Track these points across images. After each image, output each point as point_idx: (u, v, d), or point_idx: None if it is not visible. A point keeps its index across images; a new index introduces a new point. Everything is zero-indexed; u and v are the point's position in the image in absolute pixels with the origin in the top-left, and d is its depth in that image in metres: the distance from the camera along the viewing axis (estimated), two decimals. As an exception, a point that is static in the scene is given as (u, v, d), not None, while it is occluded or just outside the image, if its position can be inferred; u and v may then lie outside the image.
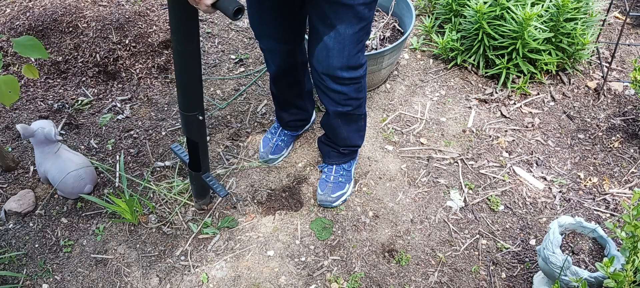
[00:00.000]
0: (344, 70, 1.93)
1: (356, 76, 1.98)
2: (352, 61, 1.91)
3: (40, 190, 2.43)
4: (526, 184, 2.41)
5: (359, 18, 1.80)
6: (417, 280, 2.11)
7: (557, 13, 2.61)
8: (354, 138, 2.27)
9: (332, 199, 2.29)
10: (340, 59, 1.89)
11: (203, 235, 2.26)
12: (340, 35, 1.83)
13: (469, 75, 2.90)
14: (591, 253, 1.86)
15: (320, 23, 1.85)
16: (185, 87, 1.85)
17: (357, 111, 2.14)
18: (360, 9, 1.77)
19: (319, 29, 1.86)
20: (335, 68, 1.92)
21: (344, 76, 1.95)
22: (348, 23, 1.80)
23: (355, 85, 2.01)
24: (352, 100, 2.07)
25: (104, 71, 2.91)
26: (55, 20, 2.98)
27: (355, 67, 1.95)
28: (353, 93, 2.04)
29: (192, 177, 2.20)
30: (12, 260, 2.20)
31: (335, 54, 1.88)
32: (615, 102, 2.73)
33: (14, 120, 2.73)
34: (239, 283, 2.11)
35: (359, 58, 1.94)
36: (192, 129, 1.97)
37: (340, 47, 1.86)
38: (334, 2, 1.76)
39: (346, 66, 1.92)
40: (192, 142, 2.05)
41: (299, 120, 2.49)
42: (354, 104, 2.09)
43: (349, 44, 1.85)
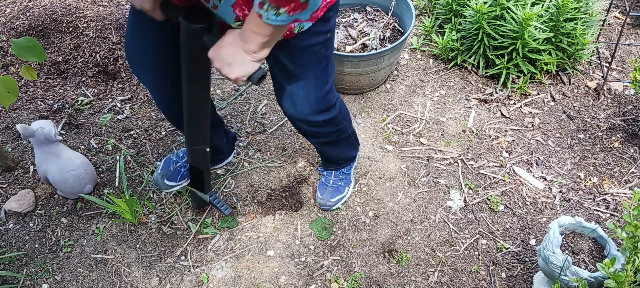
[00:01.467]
0: (315, 114, 1.83)
1: (330, 117, 1.89)
2: (322, 105, 1.82)
3: (40, 190, 2.43)
4: (526, 184, 2.41)
5: (318, 59, 1.69)
6: (417, 280, 2.11)
7: (557, 13, 2.61)
8: (346, 153, 2.24)
9: (332, 203, 2.29)
10: (309, 105, 1.79)
11: (203, 235, 2.26)
12: (302, 81, 1.72)
13: (469, 75, 2.90)
14: (591, 253, 1.86)
15: (279, 72, 1.74)
16: (194, 123, 1.88)
17: (341, 136, 2.07)
18: (317, 49, 1.66)
19: (278, 77, 1.76)
20: (305, 114, 1.82)
21: (318, 120, 1.86)
22: (307, 66, 1.69)
23: (331, 123, 1.93)
24: (332, 133, 2.00)
25: (104, 71, 2.91)
26: (55, 20, 2.98)
27: (326, 109, 1.85)
28: (331, 129, 1.96)
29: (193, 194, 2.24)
30: (12, 260, 2.20)
31: (301, 101, 1.77)
32: (615, 102, 2.73)
33: (14, 120, 2.72)
34: (239, 283, 2.11)
35: (329, 100, 1.84)
36: (197, 159, 2.01)
37: (306, 93, 1.75)
38: (288, 47, 1.63)
39: (316, 111, 1.82)
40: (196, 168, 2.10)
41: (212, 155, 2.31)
42: (335, 135, 2.03)
43: (314, 88, 1.75)
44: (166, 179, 2.27)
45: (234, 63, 1.47)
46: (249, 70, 1.48)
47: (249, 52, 1.45)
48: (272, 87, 1.88)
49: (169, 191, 2.33)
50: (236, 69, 1.47)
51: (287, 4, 1.29)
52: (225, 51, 1.47)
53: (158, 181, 2.28)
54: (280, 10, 1.30)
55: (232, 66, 1.47)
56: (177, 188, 2.31)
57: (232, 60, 1.47)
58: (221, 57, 1.48)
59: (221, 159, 2.43)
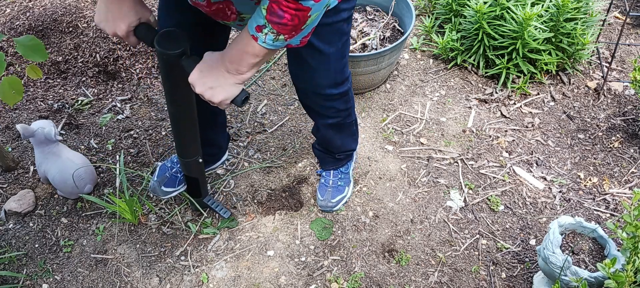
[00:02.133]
0: (332, 87, 1.87)
1: (343, 90, 1.93)
2: (339, 77, 1.86)
3: (40, 190, 2.43)
4: (526, 184, 2.41)
5: (339, 34, 1.74)
6: (417, 280, 2.11)
7: (557, 13, 2.61)
8: (347, 143, 2.24)
9: (333, 204, 2.29)
10: (327, 78, 1.84)
11: (203, 235, 2.26)
12: (324, 54, 1.75)
13: (469, 75, 2.90)
14: (591, 253, 1.86)
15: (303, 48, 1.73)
16: (183, 139, 1.89)
17: (347, 120, 2.10)
18: (340, 25, 1.71)
19: (301, 52, 1.76)
20: (322, 86, 1.86)
21: (333, 93, 1.90)
22: (330, 42, 1.73)
23: (342, 98, 1.96)
24: (341, 112, 2.03)
25: (104, 71, 2.91)
26: (55, 20, 2.98)
27: (342, 82, 1.90)
28: (341, 105, 1.99)
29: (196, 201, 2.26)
30: (12, 260, 2.20)
31: (321, 74, 1.82)
32: (615, 102, 2.73)
33: (14, 120, 2.72)
34: (239, 283, 2.11)
35: (345, 72, 1.89)
36: (191, 169, 2.03)
37: (326, 66, 1.80)
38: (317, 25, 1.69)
39: (333, 83, 1.86)
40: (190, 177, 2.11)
41: (207, 155, 2.28)
42: (343, 114, 2.05)
43: (334, 61, 1.80)
44: (163, 186, 2.27)
45: (216, 86, 1.45)
46: (233, 92, 1.46)
47: (234, 73, 1.43)
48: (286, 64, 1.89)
49: (167, 197, 2.34)
50: (220, 93, 1.45)
51: (288, 33, 1.30)
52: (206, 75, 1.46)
53: (155, 188, 2.27)
54: (279, 36, 1.31)
55: (215, 90, 1.45)
56: (175, 193, 2.32)
57: (215, 83, 1.45)
58: (203, 82, 1.46)
59: (218, 159, 2.43)
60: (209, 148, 2.28)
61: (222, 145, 2.39)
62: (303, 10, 1.25)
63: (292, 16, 1.25)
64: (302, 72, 1.84)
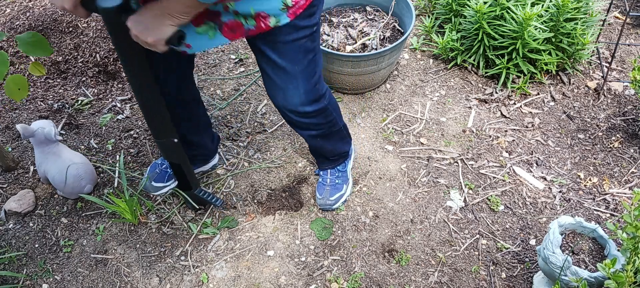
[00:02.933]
0: (305, 105, 1.85)
1: (320, 107, 1.90)
2: (311, 96, 1.84)
3: (40, 190, 2.43)
4: (526, 184, 2.41)
5: (304, 52, 1.71)
6: (417, 280, 2.11)
7: (557, 13, 2.61)
8: (339, 147, 2.24)
9: (332, 202, 2.29)
10: (298, 97, 1.81)
11: (203, 235, 2.26)
12: (289, 73, 1.73)
13: (469, 75, 2.90)
14: (591, 253, 1.86)
15: (266, 65, 1.76)
16: (149, 114, 1.87)
17: (332, 129, 2.08)
18: (302, 42, 1.68)
19: (267, 70, 1.77)
20: (295, 105, 1.84)
21: (307, 110, 1.87)
22: (294, 60, 1.71)
23: (321, 114, 1.94)
24: (322, 125, 2.01)
25: (104, 71, 2.91)
26: (55, 20, 2.98)
27: (316, 100, 1.87)
28: (321, 119, 1.97)
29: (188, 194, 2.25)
30: (12, 260, 2.20)
31: (290, 93, 1.80)
32: (615, 102, 2.73)
33: (14, 120, 2.72)
34: (239, 283, 2.11)
35: (318, 90, 1.86)
36: (169, 152, 2.01)
37: (294, 85, 1.77)
38: (274, 42, 1.66)
39: (306, 101, 1.84)
40: (175, 163, 2.09)
41: (195, 155, 2.33)
42: (325, 127, 2.03)
43: (302, 80, 1.77)
44: (153, 181, 2.32)
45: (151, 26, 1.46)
46: (166, 33, 1.47)
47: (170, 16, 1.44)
48: None
49: (158, 193, 2.36)
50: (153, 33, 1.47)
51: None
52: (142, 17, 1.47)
53: (147, 185, 2.33)
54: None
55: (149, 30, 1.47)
56: (166, 189, 2.34)
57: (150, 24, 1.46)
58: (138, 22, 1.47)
59: (206, 160, 2.43)
60: (195, 149, 2.30)
61: (209, 146, 2.37)
62: None
63: None
64: (273, 90, 1.83)
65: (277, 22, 1.58)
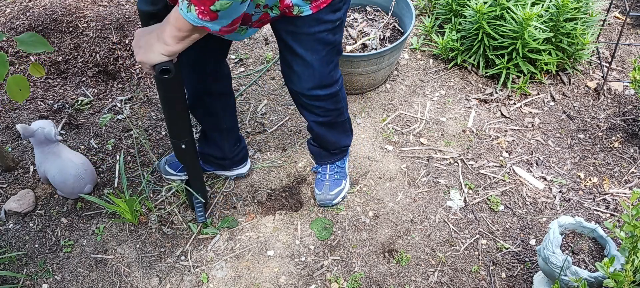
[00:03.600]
0: (318, 89, 1.89)
1: (332, 92, 1.94)
2: (325, 80, 1.87)
3: (40, 190, 2.43)
4: (526, 184, 2.41)
5: (323, 43, 1.75)
6: (417, 280, 2.11)
7: (557, 13, 2.61)
8: (341, 140, 2.25)
9: (332, 197, 2.29)
10: (312, 81, 1.85)
11: (203, 235, 2.26)
12: (307, 62, 1.78)
13: (469, 75, 2.90)
14: (591, 253, 1.86)
15: (286, 51, 1.80)
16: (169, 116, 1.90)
17: (338, 119, 2.10)
18: (324, 35, 1.72)
19: (286, 56, 1.81)
20: (308, 88, 1.88)
21: (319, 94, 1.91)
22: (313, 50, 1.75)
23: (331, 99, 1.97)
24: (331, 111, 2.03)
25: (104, 71, 2.91)
26: (55, 20, 2.98)
27: (329, 84, 1.91)
28: (330, 105, 2.00)
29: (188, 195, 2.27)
30: (12, 260, 2.20)
31: (305, 78, 1.84)
32: (615, 102, 2.73)
33: (14, 120, 2.73)
34: (239, 283, 2.12)
35: (332, 76, 1.89)
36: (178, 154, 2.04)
37: (310, 71, 1.81)
38: (294, 32, 1.70)
39: (319, 85, 1.88)
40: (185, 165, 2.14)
41: (212, 156, 2.30)
42: (333, 114, 2.05)
43: (319, 67, 1.81)
44: (167, 166, 2.36)
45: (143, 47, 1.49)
46: (152, 58, 1.48)
47: (162, 41, 1.46)
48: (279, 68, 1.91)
49: (168, 177, 2.39)
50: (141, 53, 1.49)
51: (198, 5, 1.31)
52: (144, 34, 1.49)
53: (160, 165, 2.40)
54: (191, 7, 1.32)
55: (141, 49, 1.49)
56: (175, 177, 2.37)
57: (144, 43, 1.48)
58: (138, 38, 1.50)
59: (224, 166, 2.37)
60: (213, 149, 2.28)
61: (228, 155, 2.30)
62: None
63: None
64: (289, 74, 1.87)
65: (300, 12, 1.62)
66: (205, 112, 2.12)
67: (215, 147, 2.27)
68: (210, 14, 1.32)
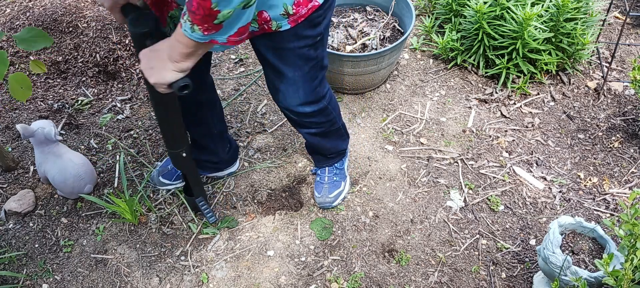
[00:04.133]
0: (305, 105, 1.87)
1: (319, 108, 1.92)
2: (311, 97, 1.85)
3: (40, 190, 2.43)
4: (526, 184, 2.41)
5: (305, 59, 1.72)
6: (417, 280, 2.11)
7: (557, 13, 2.61)
8: (337, 145, 2.25)
9: (331, 199, 2.29)
10: (298, 98, 1.83)
11: (203, 235, 2.26)
12: (291, 79, 1.75)
13: (469, 75, 2.90)
14: (591, 253, 1.86)
15: (268, 69, 1.78)
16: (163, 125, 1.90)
17: (331, 128, 2.09)
18: (304, 51, 1.69)
19: (269, 74, 1.80)
20: (294, 105, 1.86)
21: (306, 111, 1.89)
22: (295, 67, 1.72)
23: (321, 113, 1.95)
24: (323, 124, 2.02)
25: (104, 71, 2.92)
26: (55, 20, 2.98)
27: (316, 101, 1.89)
28: (321, 118, 1.98)
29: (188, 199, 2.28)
30: (12, 260, 2.20)
31: (290, 95, 1.82)
32: (615, 102, 2.73)
33: (14, 120, 2.73)
34: (239, 283, 2.12)
35: (319, 92, 1.87)
36: (177, 162, 2.04)
37: (294, 88, 1.79)
38: (274, 47, 1.67)
39: (305, 102, 1.86)
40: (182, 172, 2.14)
41: (208, 162, 2.33)
42: (326, 125, 2.05)
43: (303, 84, 1.79)
44: (161, 176, 2.33)
45: (155, 68, 1.48)
46: (166, 78, 1.48)
47: (172, 60, 1.45)
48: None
49: (163, 188, 2.37)
50: (154, 74, 1.48)
51: (201, 24, 1.31)
52: (152, 55, 1.49)
53: (153, 177, 2.35)
54: (194, 26, 1.32)
55: (153, 70, 1.48)
56: (171, 187, 2.35)
57: (154, 64, 1.48)
58: (147, 60, 1.49)
59: (219, 168, 2.41)
60: (207, 155, 2.30)
61: (223, 157, 2.35)
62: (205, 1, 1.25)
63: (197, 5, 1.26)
64: (274, 92, 1.86)
65: (278, 27, 1.59)
66: (196, 121, 2.14)
67: (209, 152, 2.29)
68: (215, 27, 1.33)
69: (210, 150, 2.27)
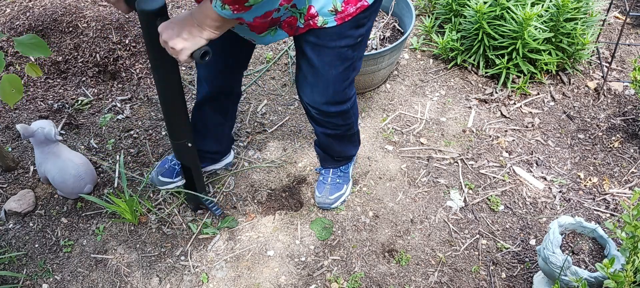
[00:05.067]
0: (330, 105, 1.88)
1: (343, 109, 1.93)
2: (338, 97, 1.87)
3: (40, 190, 2.43)
4: (526, 184, 2.41)
5: (342, 59, 1.74)
6: (417, 280, 2.11)
7: (557, 13, 2.61)
8: (348, 150, 2.26)
9: (331, 201, 2.29)
10: (325, 96, 1.85)
11: (203, 235, 2.26)
12: (323, 76, 1.77)
13: (469, 75, 2.90)
14: (591, 253, 1.86)
15: (303, 62, 1.79)
16: (169, 114, 1.90)
17: (348, 132, 2.11)
18: (344, 51, 1.71)
19: (302, 66, 1.81)
20: (320, 103, 1.87)
21: (331, 110, 1.91)
22: (331, 65, 1.74)
23: (342, 115, 1.97)
24: (340, 126, 2.03)
25: (104, 71, 2.91)
26: (55, 20, 2.98)
27: (342, 101, 1.90)
28: (341, 121, 2.00)
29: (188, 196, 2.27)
30: (12, 260, 2.20)
31: (319, 91, 1.83)
32: (615, 102, 2.73)
33: (14, 120, 2.73)
34: (239, 283, 2.12)
35: (346, 93, 1.89)
36: (181, 155, 2.04)
37: (324, 85, 1.81)
38: (315, 44, 1.69)
39: (332, 101, 1.87)
40: (184, 166, 2.12)
41: (208, 152, 2.33)
42: (342, 129, 2.06)
43: (333, 83, 1.80)
44: (160, 176, 2.32)
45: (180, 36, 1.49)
46: (194, 44, 1.49)
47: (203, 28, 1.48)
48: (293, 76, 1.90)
49: (163, 188, 2.36)
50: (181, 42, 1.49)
51: (232, 4, 1.35)
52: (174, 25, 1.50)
53: (153, 178, 2.35)
54: (225, 5, 1.36)
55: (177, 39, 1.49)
56: (172, 185, 2.33)
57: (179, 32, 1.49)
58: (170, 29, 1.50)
59: (216, 159, 2.42)
60: (210, 144, 2.31)
61: (223, 149, 2.39)
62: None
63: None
64: (303, 85, 1.87)
65: (324, 23, 1.61)
66: (217, 109, 2.17)
67: (213, 142, 2.30)
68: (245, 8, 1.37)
69: (216, 139, 2.30)
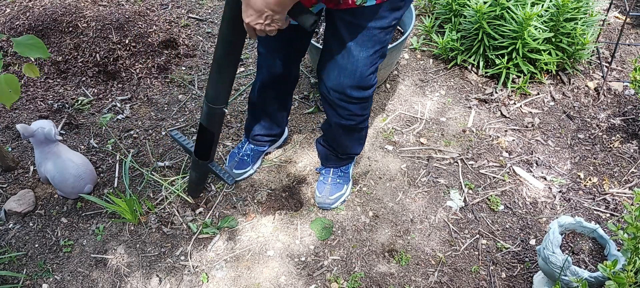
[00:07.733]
0: (354, 89, 1.89)
1: (365, 96, 1.94)
2: (364, 82, 1.87)
3: (40, 190, 2.43)
4: (526, 184, 2.41)
5: (374, 41, 1.76)
6: (417, 280, 2.11)
7: (557, 13, 2.61)
8: (353, 147, 2.25)
9: (331, 201, 2.29)
10: (352, 79, 1.85)
11: (203, 235, 2.26)
12: (354, 57, 1.79)
13: (469, 75, 2.90)
14: (591, 253, 1.87)
15: (334, 41, 1.80)
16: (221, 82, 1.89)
17: (360, 125, 2.11)
18: (377, 32, 1.74)
19: (333, 46, 1.82)
20: (345, 86, 1.88)
21: (353, 95, 1.91)
22: (363, 46, 1.76)
23: (362, 103, 1.97)
24: (357, 116, 2.03)
25: (104, 71, 2.91)
26: (55, 20, 2.98)
27: (366, 87, 1.91)
28: (359, 110, 2.00)
29: (197, 166, 2.20)
30: (12, 260, 2.20)
31: (347, 74, 1.84)
32: (615, 102, 2.74)
33: (14, 120, 2.72)
34: (239, 283, 2.11)
35: (371, 79, 1.90)
36: (214, 120, 2.01)
37: (353, 68, 1.82)
38: (351, 22, 1.71)
39: (357, 86, 1.88)
40: (208, 131, 2.07)
41: (270, 135, 2.42)
42: (358, 119, 2.06)
43: (362, 66, 1.81)
44: (234, 169, 2.42)
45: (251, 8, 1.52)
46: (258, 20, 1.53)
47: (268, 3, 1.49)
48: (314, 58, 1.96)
49: (239, 179, 2.44)
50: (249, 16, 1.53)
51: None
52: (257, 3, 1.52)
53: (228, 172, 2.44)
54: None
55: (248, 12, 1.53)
56: (245, 175, 2.43)
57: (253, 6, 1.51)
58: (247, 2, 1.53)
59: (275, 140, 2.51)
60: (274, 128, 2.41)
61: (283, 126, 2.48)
62: None
63: None
64: (329, 67, 1.87)
65: (363, 2, 1.63)
66: (277, 94, 2.24)
67: (275, 125, 2.39)
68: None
69: (277, 122, 2.38)
